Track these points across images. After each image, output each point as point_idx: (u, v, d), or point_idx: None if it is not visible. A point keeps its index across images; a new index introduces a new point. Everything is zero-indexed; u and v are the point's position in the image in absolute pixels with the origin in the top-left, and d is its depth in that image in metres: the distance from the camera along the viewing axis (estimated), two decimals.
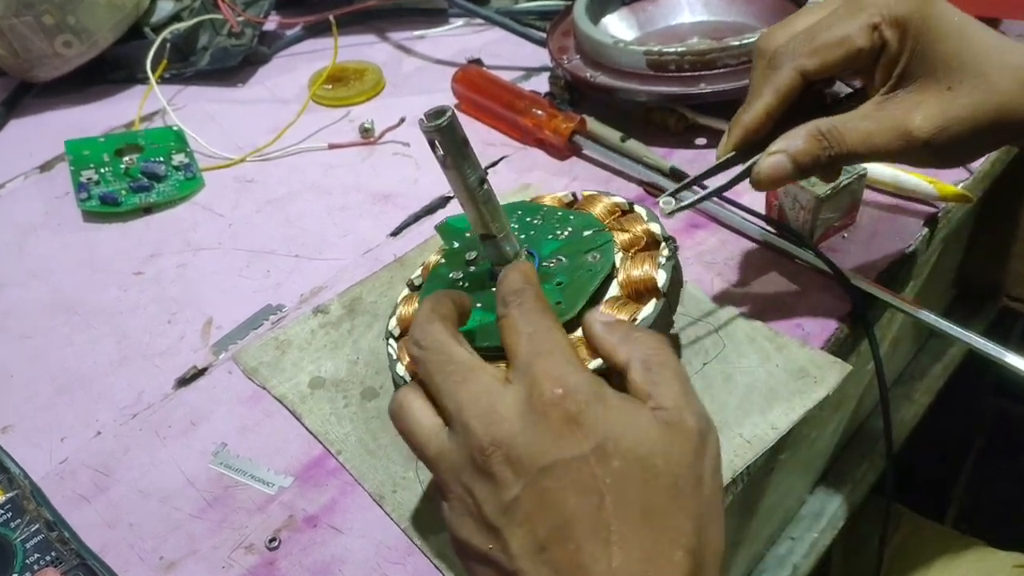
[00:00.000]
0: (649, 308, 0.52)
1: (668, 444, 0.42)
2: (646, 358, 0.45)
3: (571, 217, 0.57)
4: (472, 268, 0.57)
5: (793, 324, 0.65)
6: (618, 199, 0.60)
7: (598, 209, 0.59)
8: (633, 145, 0.83)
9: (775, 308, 0.67)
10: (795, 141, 0.53)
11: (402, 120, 0.95)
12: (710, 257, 0.73)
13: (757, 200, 0.74)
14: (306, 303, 0.74)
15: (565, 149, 0.86)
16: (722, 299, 0.68)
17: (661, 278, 0.53)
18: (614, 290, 0.53)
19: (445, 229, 0.63)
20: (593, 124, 0.85)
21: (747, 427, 0.57)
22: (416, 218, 0.83)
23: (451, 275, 0.57)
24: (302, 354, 0.68)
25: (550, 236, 0.56)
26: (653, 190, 0.79)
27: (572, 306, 0.51)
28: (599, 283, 0.52)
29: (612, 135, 0.83)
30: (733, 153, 0.55)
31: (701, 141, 0.84)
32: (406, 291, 0.61)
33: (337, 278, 0.76)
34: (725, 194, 0.62)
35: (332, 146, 0.93)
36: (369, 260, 0.78)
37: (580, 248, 0.54)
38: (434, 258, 0.61)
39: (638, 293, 0.53)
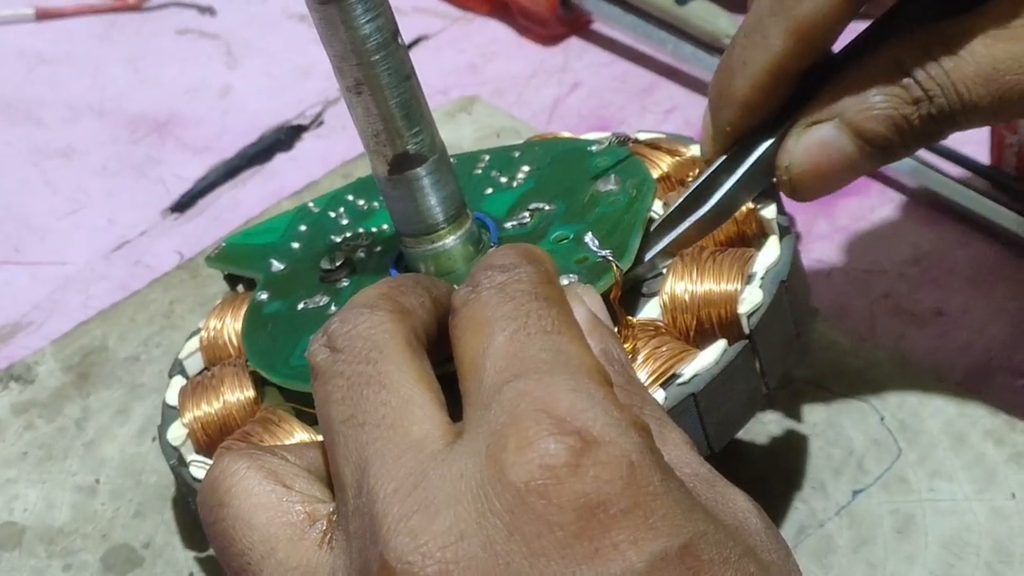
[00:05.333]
0: (706, 358, 0.41)
1: (774, 538, 0.34)
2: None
3: (535, 148, 0.48)
4: (343, 279, 0.44)
5: None
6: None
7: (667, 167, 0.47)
8: (702, 10, 0.63)
9: (1014, 368, 0.52)
10: (857, 94, 0.41)
11: None
12: (872, 259, 0.55)
13: (968, 138, 0.54)
14: None
15: (553, 20, 0.68)
16: (897, 349, 0.52)
17: (751, 301, 0.42)
18: (652, 311, 0.43)
19: (228, 256, 0.50)
20: None
21: None
22: (228, 172, 0.63)
23: (300, 306, 0.45)
24: None
25: (498, 186, 0.47)
26: None
27: (623, 251, 0.42)
28: (648, 211, 0.44)
29: None
30: (725, 157, 0.44)
31: None
32: (203, 331, 0.48)
33: (53, 305, 0.59)
34: None
35: (43, 14, 0.74)
36: (122, 265, 0.60)
37: (575, 179, 0.46)
38: (215, 323, 0.48)
39: (700, 326, 0.42)
